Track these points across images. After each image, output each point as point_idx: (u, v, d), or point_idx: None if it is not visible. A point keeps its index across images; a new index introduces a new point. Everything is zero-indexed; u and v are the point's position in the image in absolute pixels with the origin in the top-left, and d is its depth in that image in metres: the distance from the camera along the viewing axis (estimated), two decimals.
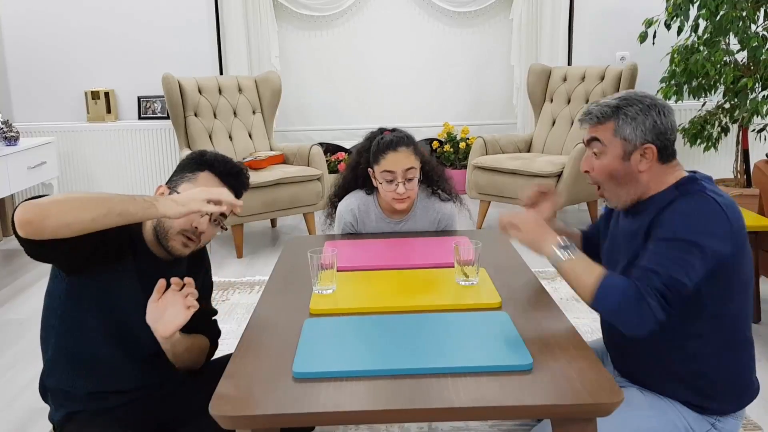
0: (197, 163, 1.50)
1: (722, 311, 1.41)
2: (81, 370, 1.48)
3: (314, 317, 1.51)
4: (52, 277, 1.45)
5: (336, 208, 2.25)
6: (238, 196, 1.52)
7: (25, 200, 1.25)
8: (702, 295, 1.38)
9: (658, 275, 1.33)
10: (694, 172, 1.50)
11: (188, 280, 1.40)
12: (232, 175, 1.51)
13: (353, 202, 2.21)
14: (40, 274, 3.62)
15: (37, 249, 1.29)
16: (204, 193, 1.35)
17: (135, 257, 1.46)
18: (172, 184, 1.50)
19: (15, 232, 1.25)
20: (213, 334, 1.66)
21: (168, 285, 1.40)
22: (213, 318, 1.68)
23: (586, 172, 1.54)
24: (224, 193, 1.37)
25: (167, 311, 1.38)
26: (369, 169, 2.14)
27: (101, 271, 1.40)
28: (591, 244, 1.78)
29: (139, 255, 1.47)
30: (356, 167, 2.18)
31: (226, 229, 1.58)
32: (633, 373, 1.54)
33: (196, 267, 1.62)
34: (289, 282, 1.78)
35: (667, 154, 1.47)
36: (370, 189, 2.21)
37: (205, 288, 1.67)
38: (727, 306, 1.41)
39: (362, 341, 1.36)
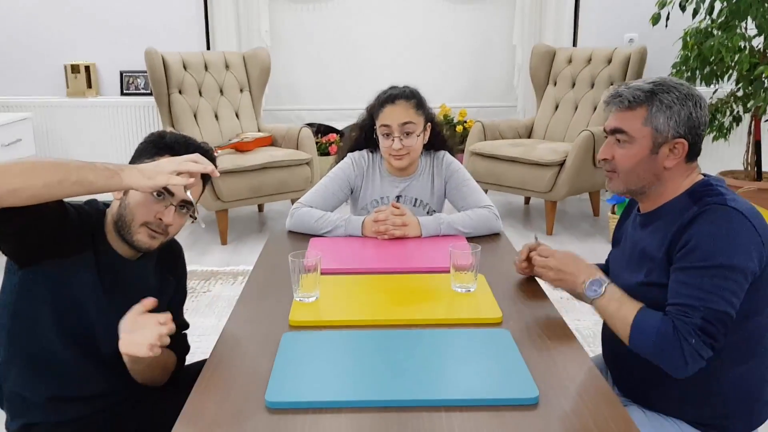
0: (156, 146, 1.40)
1: (747, 325, 1.31)
2: (38, 373, 1.37)
3: (294, 330, 1.38)
4: (6, 271, 1.33)
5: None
6: (204, 183, 1.43)
7: None
8: None
9: (696, 310, 1.23)
10: (706, 175, 1.40)
11: (167, 317, 1.23)
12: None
13: (362, 153, 2.12)
14: None
15: None
16: (172, 164, 1.24)
17: (96, 252, 1.35)
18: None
19: None
20: (181, 349, 1.53)
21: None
22: (183, 332, 1.54)
23: (605, 159, 1.41)
24: (194, 164, 1.25)
25: (139, 332, 1.21)
26: (374, 127, 2.06)
27: (57, 264, 1.29)
28: None
29: (101, 251, 1.36)
30: (364, 125, 2.12)
31: (196, 219, 1.40)
32: (636, 392, 1.45)
33: (166, 269, 1.50)
34: (268, 286, 1.63)
35: (694, 153, 1.37)
36: (375, 148, 2.12)
37: (177, 297, 1.55)
38: (753, 319, 1.32)
39: (346, 364, 1.23)
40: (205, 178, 1.41)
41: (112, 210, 1.39)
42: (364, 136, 2.12)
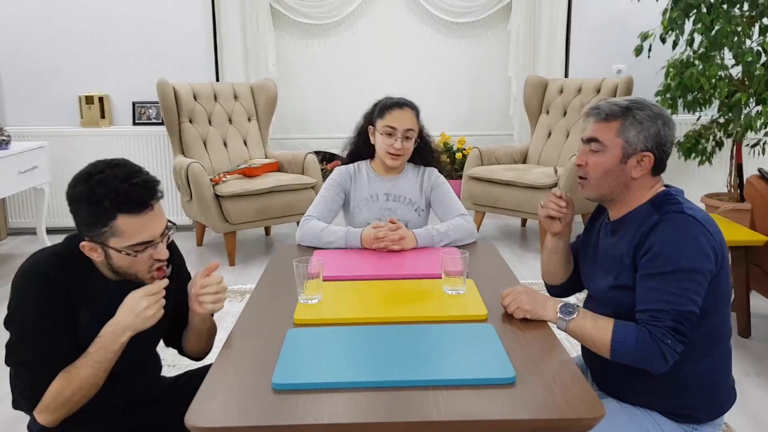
0: (103, 212, 1.35)
1: (707, 323, 1.42)
2: None
3: (298, 327, 1.50)
4: None
5: None
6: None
7: (29, 404, 1.38)
8: None
9: (666, 313, 1.35)
10: (668, 186, 1.51)
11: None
12: (144, 204, 1.38)
13: (349, 165, 2.35)
14: None
15: None
16: (144, 299, 1.40)
17: (99, 299, 1.44)
18: (99, 238, 1.39)
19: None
20: None
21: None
22: None
23: (579, 165, 1.53)
24: (157, 289, 1.41)
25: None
26: (370, 127, 2.28)
27: None
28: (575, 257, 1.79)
29: (103, 295, 1.45)
30: (362, 132, 2.32)
31: (176, 224, 1.54)
32: (612, 387, 1.55)
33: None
34: (275, 291, 1.76)
35: (660, 167, 1.49)
36: (369, 154, 2.32)
37: (183, 282, 1.64)
38: (711, 317, 1.42)
39: (344, 352, 1.35)
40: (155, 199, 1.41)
41: (98, 258, 1.42)
42: (362, 141, 2.33)
